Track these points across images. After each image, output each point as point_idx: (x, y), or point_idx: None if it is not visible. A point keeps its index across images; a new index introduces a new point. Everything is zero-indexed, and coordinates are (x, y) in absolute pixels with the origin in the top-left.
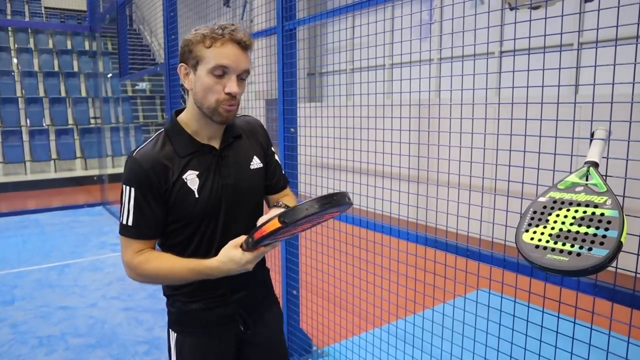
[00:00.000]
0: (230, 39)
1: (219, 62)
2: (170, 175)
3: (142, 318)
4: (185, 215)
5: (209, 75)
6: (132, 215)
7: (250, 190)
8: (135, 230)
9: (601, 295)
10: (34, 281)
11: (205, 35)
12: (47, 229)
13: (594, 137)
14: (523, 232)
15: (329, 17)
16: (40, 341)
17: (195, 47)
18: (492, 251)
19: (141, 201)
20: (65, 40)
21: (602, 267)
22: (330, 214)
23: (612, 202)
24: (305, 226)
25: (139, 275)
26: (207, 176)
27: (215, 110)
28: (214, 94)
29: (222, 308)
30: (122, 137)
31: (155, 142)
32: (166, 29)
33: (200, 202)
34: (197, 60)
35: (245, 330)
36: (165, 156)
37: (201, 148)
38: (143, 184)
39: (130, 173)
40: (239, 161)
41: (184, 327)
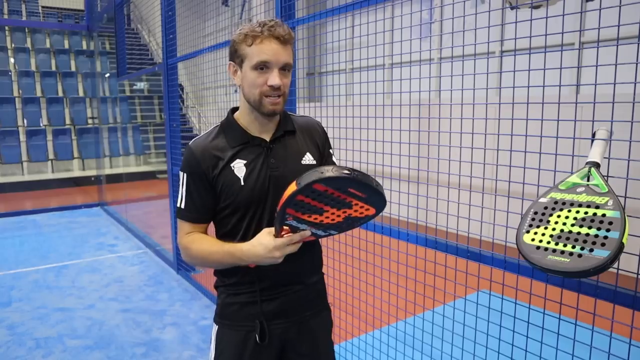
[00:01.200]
0: (270, 35)
1: (260, 58)
2: (220, 163)
3: (140, 319)
4: (232, 202)
5: (253, 71)
6: (184, 199)
7: None
8: (185, 213)
9: (602, 297)
10: (32, 282)
11: (247, 35)
12: (45, 230)
13: (595, 137)
14: (524, 233)
15: (328, 16)
16: (38, 343)
17: (239, 46)
18: (493, 252)
19: (191, 186)
20: (63, 39)
21: (604, 268)
22: (356, 203)
23: (613, 202)
24: (334, 216)
25: (186, 255)
26: (255, 166)
27: (260, 102)
28: (258, 87)
29: (265, 304)
30: (119, 137)
31: (209, 134)
32: (164, 29)
33: (246, 189)
34: (242, 59)
35: (261, 340)
36: (216, 146)
37: (251, 140)
38: (194, 171)
39: (184, 160)
40: (290, 154)
41: (225, 319)
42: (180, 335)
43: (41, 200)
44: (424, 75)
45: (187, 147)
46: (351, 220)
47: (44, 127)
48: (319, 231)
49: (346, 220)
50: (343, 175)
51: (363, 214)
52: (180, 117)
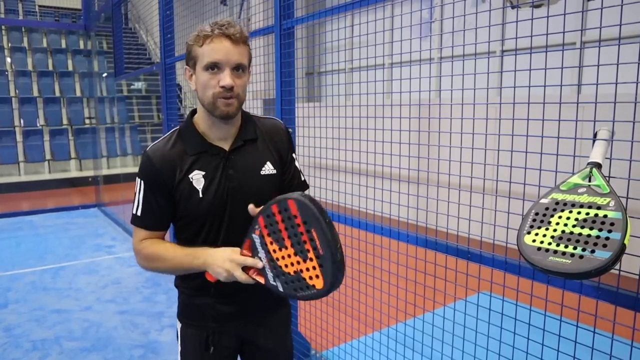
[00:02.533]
0: (220, 34)
1: (210, 58)
2: (177, 173)
3: (137, 321)
4: (189, 213)
5: (204, 72)
6: (140, 206)
7: (257, 196)
8: (141, 220)
9: (604, 298)
10: (28, 284)
11: (198, 35)
12: (41, 231)
13: (596, 137)
14: (525, 234)
15: (327, 15)
16: (34, 345)
17: (192, 48)
18: (494, 253)
19: (148, 194)
20: (60, 39)
21: (605, 269)
22: (311, 258)
23: (615, 203)
24: (289, 261)
25: (141, 258)
26: (213, 177)
27: (214, 104)
28: (210, 88)
29: (222, 305)
30: (117, 137)
31: (168, 139)
32: (162, 28)
33: (204, 202)
34: (195, 60)
35: (206, 349)
36: (175, 153)
37: (210, 148)
38: (151, 178)
39: (142, 167)
40: (249, 165)
41: (187, 319)
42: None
43: (38, 201)
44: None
45: (145, 154)
46: (297, 282)
47: (40, 127)
48: (268, 272)
49: (295, 276)
50: (315, 210)
51: (310, 281)
52: (178, 117)
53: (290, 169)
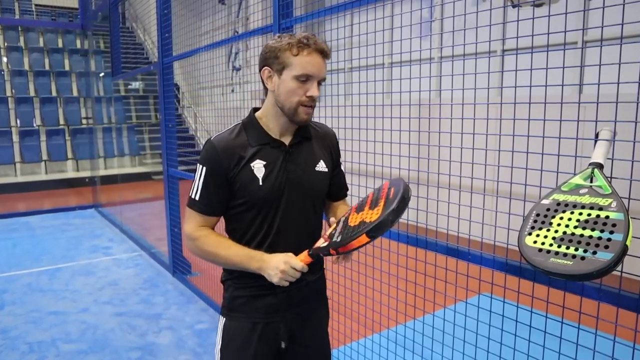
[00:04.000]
0: (316, 49)
1: (305, 70)
2: (240, 161)
3: (135, 323)
4: (249, 200)
5: (294, 80)
6: (199, 191)
7: (312, 190)
8: (199, 204)
9: (606, 300)
10: (24, 285)
11: (292, 44)
12: (38, 232)
13: (598, 137)
14: (526, 235)
15: (326, 14)
16: (31, 347)
17: (283, 54)
18: (494, 255)
19: (209, 180)
20: (57, 38)
21: (607, 271)
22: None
23: (617, 204)
24: (354, 220)
25: (197, 247)
26: (273, 168)
27: (295, 110)
28: (297, 96)
29: (270, 297)
30: (114, 137)
31: (232, 131)
32: (160, 27)
33: (263, 189)
34: (283, 66)
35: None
36: (238, 143)
37: (272, 141)
38: (213, 166)
39: (205, 154)
40: (306, 160)
41: (233, 312)
42: (176, 339)
43: (34, 202)
44: (424, 74)
45: (209, 142)
46: (359, 226)
47: (37, 128)
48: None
49: (360, 224)
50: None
51: (372, 218)
52: (176, 118)
53: (339, 171)
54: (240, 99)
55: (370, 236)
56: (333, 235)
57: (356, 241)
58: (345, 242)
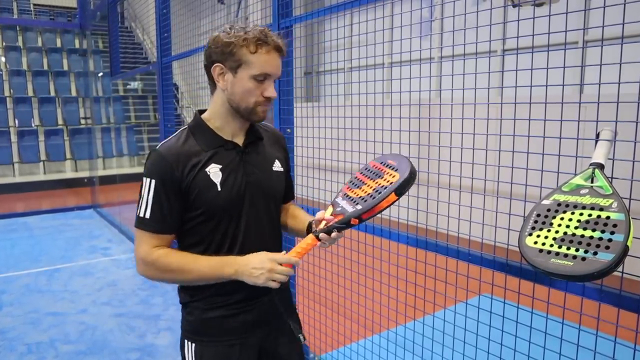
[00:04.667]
0: (274, 47)
1: (264, 69)
2: (194, 167)
3: (134, 324)
4: (207, 209)
5: (251, 80)
6: (149, 208)
7: (273, 190)
8: (152, 222)
9: (607, 301)
10: (23, 286)
11: (249, 40)
12: (36, 233)
13: (599, 138)
14: (526, 236)
15: (326, 14)
16: (29, 348)
17: (239, 50)
18: (495, 255)
19: (160, 193)
20: (55, 38)
21: (608, 271)
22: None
23: (618, 205)
24: (368, 187)
25: (157, 269)
26: (231, 171)
27: (252, 110)
28: (254, 97)
29: (244, 314)
30: (113, 138)
31: (178, 137)
32: (159, 27)
33: (223, 195)
34: (239, 64)
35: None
36: (189, 150)
37: (225, 144)
38: (165, 177)
39: (153, 165)
40: (262, 160)
41: (204, 336)
42: (175, 340)
43: (33, 202)
44: (424, 74)
45: (155, 152)
46: (377, 191)
47: (35, 128)
48: (348, 207)
49: (375, 190)
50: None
51: (389, 181)
52: (175, 118)
53: (289, 175)
54: None
55: (398, 194)
56: (341, 210)
57: (385, 201)
58: (372, 205)
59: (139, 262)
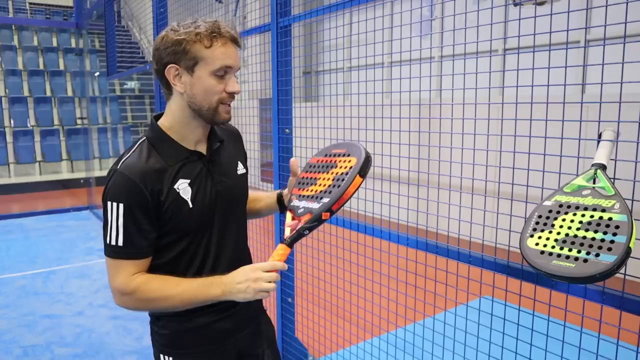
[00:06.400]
0: (230, 38)
1: (223, 62)
2: (162, 187)
3: (130, 327)
4: (180, 229)
5: (211, 77)
6: (121, 234)
7: (241, 195)
8: (127, 250)
9: (609, 303)
10: (18, 288)
11: (202, 34)
12: (32, 234)
13: (601, 138)
14: (528, 237)
15: (325, 13)
16: (25, 351)
17: (192, 46)
18: (496, 257)
19: (129, 217)
20: (51, 37)
21: (610, 273)
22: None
23: (620, 206)
24: (325, 180)
25: (138, 300)
26: (200, 184)
27: (216, 110)
28: (216, 94)
29: (221, 322)
30: (110, 138)
31: (140, 153)
32: (156, 26)
33: (195, 212)
34: (195, 61)
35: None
36: (153, 167)
37: (190, 155)
38: (133, 199)
39: (117, 187)
40: (227, 166)
41: (182, 349)
42: None
43: (28, 204)
44: (424, 74)
45: (117, 172)
46: (339, 179)
47: (31, 128)
48: (312, 204)
49: (335, 180)
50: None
51: (347, 167)
52: None
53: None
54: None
55: (362, 175)
56: (305, 210)
57: (352, 186)
58: (340, 193)
59: (115, 294)
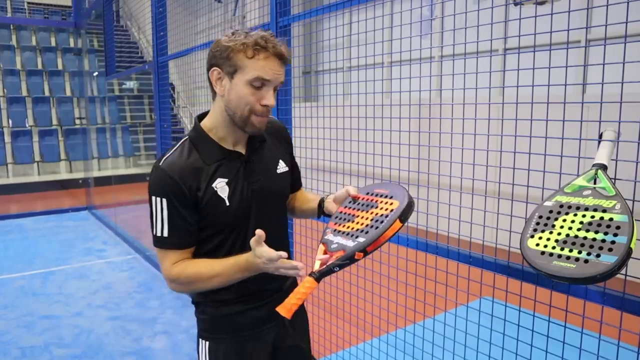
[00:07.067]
0: (274, 53)
1: (260, 74)
2: (200, 184)
3: (129, 328)
4: (217, 224)
5: (247, 86)
6: (166, 226)
7: (278, 195)
8: (171, 240)
9: (610, 304)
10: (17, 289)
11: (247, 45)
12: (31, 235)
13: (602, 138)
14: (528, 238)
15: (324, 12)
16: (23, 352)
17: (236, 55)
18: (496, 258)
19: (173, 210)
20: (49, 36)
21: (611, 274)
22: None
23: (621, 206)
24: (363, 219)
25: (181, 284)
26: (237, 183)
27: (247, 120)
28: (249, 104)
29: (255, 310)
30: (108, 138)
31: (181, 151)
32: (155, 26)
33: (232, 210)
34: (235, 69)
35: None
36: (193, 165)
37: (228, 155)
38: (174, 194)
39: (159, 184)
40: (266, 166)
41: (218, 333)
42: (172, 344)
43: (27, 204)
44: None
45: (159, 169)
46: (377, 220)
47: (29, 128)
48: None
49: (374, 220)
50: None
51: (388, 210)
52: (171, 118)
53: (294, 164)
54: None
55: (402, 220)
56: (339, 247)
57: (390, 229)
58: (377, 235)
59: (166, 281)
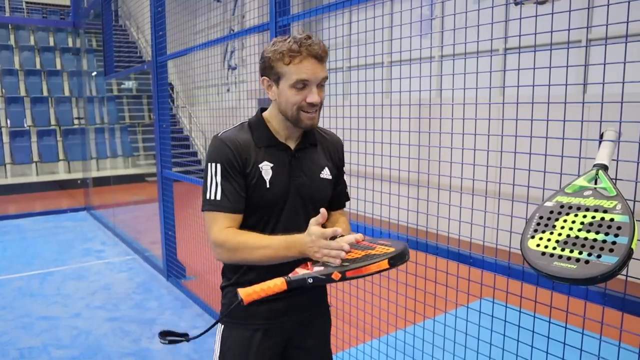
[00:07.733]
0: (308, 55)
1: (299, 76)
2: (249, 161)
3: (128, 329)
4: (255, 202)
5: (291, 89)
6: (219, 189)
7: (315, 197)
8: (222, 203)
9: (611, 305)
10: (15, 290)
11: (283, 53)
12: (29, 235)
13: (603, 138)
14: (529, 239)
15: (324, 12)
16: (21, 353)
17: (276, 64)
18: (496, 258)
19: (227, 175)
20: (48, 36)
21: (612, 275)
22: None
23: (622, 206)
24: (355, 254)
25: (227, 250)
26: (280, 171)
27: (297, 117)
28: (296, 104)
29: (274, 302)
30: (107, 138)
31: (239, 129)
32: (154, 25)
33: (270, 192)
34: (279, 76)
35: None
36: (245, 142)
37: (278, 144)
38: (228, 161)
39: (216, 151)
40: (311, 166)
41: (232, 318)
42: (171, 345)
43: (25, 204)
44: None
45: (217, 139)
46: (368, 256)
47: (28, 128)
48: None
49: (364, 256)
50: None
51: (381, 251)
52: (170, 118)
53: (341, 181)
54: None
55: (391, 263)
56: (324, 266)
57: (376, 265)
58: (361, 265)
59: (212, 245)
